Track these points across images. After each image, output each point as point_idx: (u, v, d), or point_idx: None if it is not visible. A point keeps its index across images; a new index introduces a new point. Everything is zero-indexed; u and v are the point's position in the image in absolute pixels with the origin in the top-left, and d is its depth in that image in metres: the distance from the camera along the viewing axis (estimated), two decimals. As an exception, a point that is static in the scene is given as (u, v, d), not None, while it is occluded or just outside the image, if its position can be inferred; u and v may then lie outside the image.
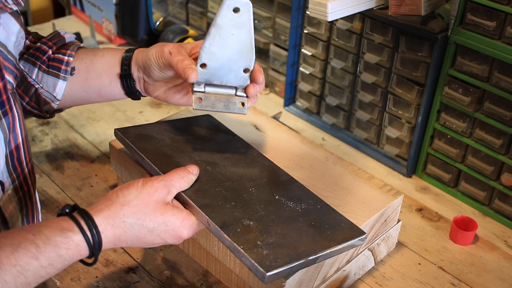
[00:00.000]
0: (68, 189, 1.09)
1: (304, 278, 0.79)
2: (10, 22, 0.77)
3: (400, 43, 1.09)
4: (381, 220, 0.89)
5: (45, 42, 0.92)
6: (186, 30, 1.50)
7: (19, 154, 0.77)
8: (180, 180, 0.76)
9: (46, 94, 0.92)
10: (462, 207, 1.11)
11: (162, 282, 0.90)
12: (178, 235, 0.73)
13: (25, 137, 0.79)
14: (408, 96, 1.11)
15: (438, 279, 0.94)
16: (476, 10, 0.97)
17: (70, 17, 1.77)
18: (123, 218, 0.69)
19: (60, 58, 0.91)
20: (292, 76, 1.34)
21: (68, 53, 0.92)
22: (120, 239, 0.69)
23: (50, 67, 0.91)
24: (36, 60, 0.90)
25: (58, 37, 0.94)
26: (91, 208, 0.69)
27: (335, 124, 1.29)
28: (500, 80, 0.97)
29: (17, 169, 0.77)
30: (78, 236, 0.65)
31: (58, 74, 0.91)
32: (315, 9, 1.02)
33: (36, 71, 0.90)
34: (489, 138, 1.02)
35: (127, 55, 0.91)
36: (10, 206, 0.77)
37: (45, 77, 0.91)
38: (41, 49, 0.91)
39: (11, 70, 0.76)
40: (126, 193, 0.71)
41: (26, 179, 0.80)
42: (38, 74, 0.90)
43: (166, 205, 0.73)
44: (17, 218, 0.79)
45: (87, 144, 1.21)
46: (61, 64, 0.91)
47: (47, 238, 0.63)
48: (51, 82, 0.91)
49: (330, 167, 0.95)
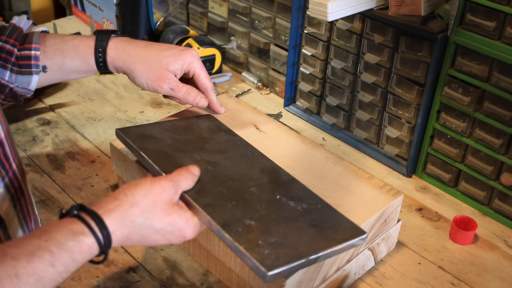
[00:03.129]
0: (69, 189, 1.09)
1: (304, 277, 0.79)
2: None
3: (400, 43, 1.09)
4: (381, 220, 0.90)
5: (7, 40, 0.92)
6: (187, 30, 1.50)
7: (4, 150, 0.76)
8: (185, 180, 0.76)
9: (21, 91, 0.94)
10: (462, 207, 1.11)
11: (162, 282, 0.91)
12: (182, 236, 0.73)
13: (7, 131, 0.78)
14: (408, 96, 1.12)
15: (438, 278, 0.94)
16: (476, 10, 0.97)
17: (71, 17, 1.77)
18: (132, 218, 0.68)
19: (27, 54, 0.92)
20: (292, 76, 1.34)
21: (34, 47, 0.92)
22: (128, 238, 0.69)
23: (22, 67, 0.92)
24: (5, 63, 0.91)
25: (16, 31, 0.93)
26: (98, 208, 0.68)
27: (335, 124, 1.30)
28: (499, 80, 0.97)
29: (5, 165, 0.76)
30: (90, 238, 0.64)
31: (30, 71, 0.92)
32: (315, 9, 1.02)
33: (8, 73, 0.91)
34: (489, 138, 1.03)
35: (100, 55, 0.93)
36: (4, 204, 0.76)
37: (19, 78, 0.92)
38: (6, 49, 0.91)
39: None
40: (134, 192, 0.70)
41: (15, 175, 0.79)
42: (11, 76, 0.92)
43: (173, 205, 0.73)
44: (13, 216, 0.78)
45: (88, 144, 1.21)
46: (30, 60, 0.92)
47: (60, 243, 0.62)
48: (26, 80, 0.93)
49: (330, 167, 0.96)
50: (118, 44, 0.94)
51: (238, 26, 1.46)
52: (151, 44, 0.95)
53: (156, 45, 0.95)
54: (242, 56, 1.48)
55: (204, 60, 1.44)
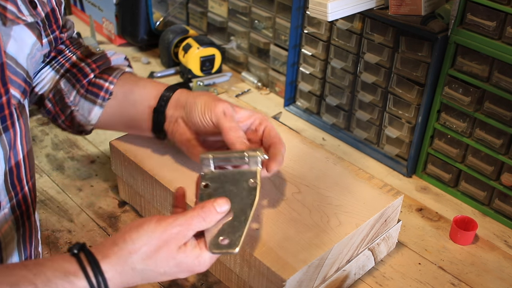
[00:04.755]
0: (69, 189, 1.09)
1: (304, 278, 0.79)
2: (25, 34, 0.72)
3: (400, 43, 1.09)
4: (381, 220, 0.89)
5: (89, 63, 0.90)
6: (187, 30, 1.50)
7: (19, 172, 0.74)
8: (201, 223, 0.67)
9: (80, 118, 0.91)
10: (462, 207, 1.11)
11: (162, 282, 0.90)
12: (191, 271, 0.68)
13: (27, 154, 0.75)
14: (408, 96, 1.11)
15: (438, 279, 0.94)
16: (476, 10, 0.97)
17: (70, 17, 1.77)
18: (131, 265, 0.63)
19: (101, 84, 0.89)
20: (292, 76, 1.34)
21: (110, 80, 0.90)
22: (128, 283, 0.65)
23: (89, 92, 0.89)
24: (76, 82, 0.89)
25: (103, 59, 0.91)
26: (98, 252, 0.63)
27: (335, 124, 1.30)
28: (500, 80, 0.97)
29: (16, 187, 0.74)
30: (81, 281, 0.60)
31: (95, 100, 0.89)
32: (315, 9, 1.02)
33: (74, 93, 0.89)
34: (489, 138, 1.02)
35: (168, 94, 0.88)
36: (5, 225, 0.73)
37: (82, 101, 0.90)
38: (84, 71, 0.89)
39: (18, 85, 0.72)
40: (135, 238, 0.64)
41: (25, 198, 0.76)
42: (76, 97, 0.89)
43: (179, 248, 0.66)
44: (12, 238, 0.75)
45: (87, 144, 1.21)
46: (100, 90, 0.89)
47: (48, 280, 0.59)
48: (87, 107, 0.90)
49: (330, 167, 0.95)
50: (190, 91, 0.89)
51: (238, 26, 1.46)
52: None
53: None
54: (242, 56, 1.48)
55: (203, 60, 1.44)
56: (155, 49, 1.60)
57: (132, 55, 1.57)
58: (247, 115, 0.86)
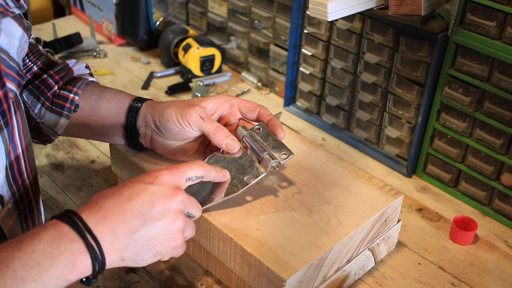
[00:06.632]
0: (68, 189, 1.09)
1: (304, 278, 0.79)
2: (13, 27, 0.73)
3: (400, 43, 1.09)
4: (381, 220, 0.89)
5: (52, 75, 0.89)
6: (186, 30, 1.50)
7: (19, 165, 0.74)
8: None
9: (46, 129, 0.91)
10: (462, 207, 1.11)
11: (162, 282, 0.90)
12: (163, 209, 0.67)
13: (25, 147, 0.75)
14: (408, 96, 1.11)
15: (438, 279, 0.94)
16: (476, 10, 0.97)
17: (70, 17, 1.77)
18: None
19: (66, 95, 0.89)
20: (292, 76, 1.34)
21: (74, 91, 0.89)
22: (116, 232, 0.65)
23: (54, 105, 0.89)
24: (40, 95, 0.88)
25: (66, 70, 0.91)
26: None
27: (335, 124, 1.30)
28: (500, 80, 0.97)
29: (18, 181, 0.74)
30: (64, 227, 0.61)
31: (61, 112, 0.89)
32: (315, 9, 1.02)
33: (39, 106, 0.89)
34: (489, 138, 1.02)
35: (135, 105, 0.88)
36: (10, 220, 0.74)
37: (47, 114, 0.89)
38: (47, 82, 0.89)
39: (13, 78, 0.72)
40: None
41: (27, 191, 0.77)
42: (41, 110, 0.89)
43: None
44: (17, 233, 0.76)
45: (87, 144, 1.21)
46: (65, 102, 0.89)
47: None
48: (53, 119, 0.89)
49: (330, 167, 0.95)
50: (156, 106, 0.89)
51: (237, 26, 1.46)
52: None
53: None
54: (242, 56, 1.48)
55: (203, 60, 1.44)
56: (155, 49, 1.60)
57: (132, 55, 1.57)
58: (214, 105, 0.88)
